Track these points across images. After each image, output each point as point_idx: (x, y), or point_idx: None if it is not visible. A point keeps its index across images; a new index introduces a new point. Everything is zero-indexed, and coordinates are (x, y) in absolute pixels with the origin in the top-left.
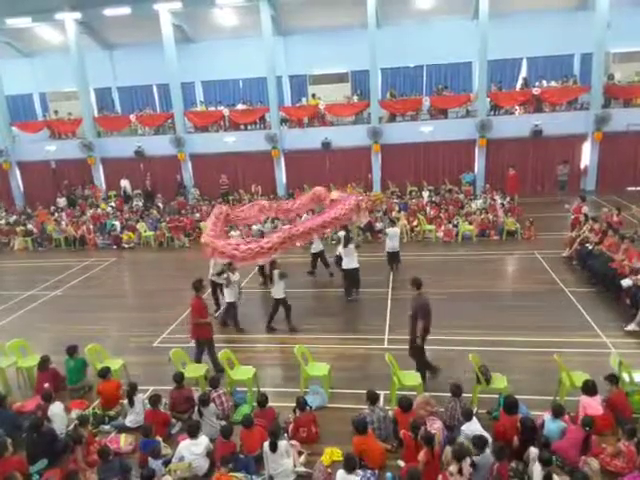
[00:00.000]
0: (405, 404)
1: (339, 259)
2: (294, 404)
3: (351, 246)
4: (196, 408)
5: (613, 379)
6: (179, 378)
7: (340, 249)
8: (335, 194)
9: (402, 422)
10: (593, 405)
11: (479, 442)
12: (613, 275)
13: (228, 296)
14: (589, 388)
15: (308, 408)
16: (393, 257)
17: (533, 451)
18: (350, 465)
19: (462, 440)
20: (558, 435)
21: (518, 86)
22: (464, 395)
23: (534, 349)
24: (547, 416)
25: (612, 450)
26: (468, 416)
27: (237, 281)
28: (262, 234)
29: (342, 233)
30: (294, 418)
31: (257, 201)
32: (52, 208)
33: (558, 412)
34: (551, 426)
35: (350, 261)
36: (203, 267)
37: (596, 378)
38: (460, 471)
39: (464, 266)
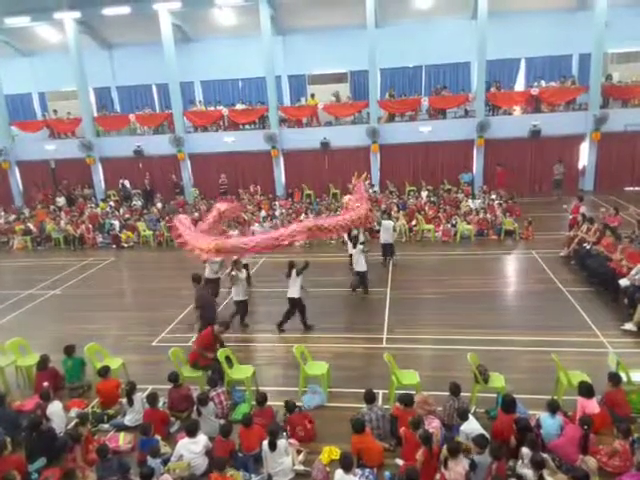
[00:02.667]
0: (406, 400)
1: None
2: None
3: (360, 247)
4: (195, 407)
5: (615, 379)
6: (174, 378)
7: (350, 250)
8: (223, 206)
9: (403, 419)
10: (591, 405)
11: (481, 441)
12: (611, 275)
13: (236, 294)
14: (585, 391)
15: (297, 410)
16: (387, 249)
17: (525, 452)
18: (347, 464)
19: (461, 439)
20: (557, 432)
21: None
22: (463, 394)
23: (532, 348)
24: (543, 414)
25: (609, 450)
26: (464, 416)
27: (244, 279)
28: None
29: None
30: (286, 419)
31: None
32: (51, 207)
33: (554, 407)
34: (549, 422)
35: (360, 264)
36: (202, 266)
37: (593, 377)
38: (446, 465)
39: (462, 266)
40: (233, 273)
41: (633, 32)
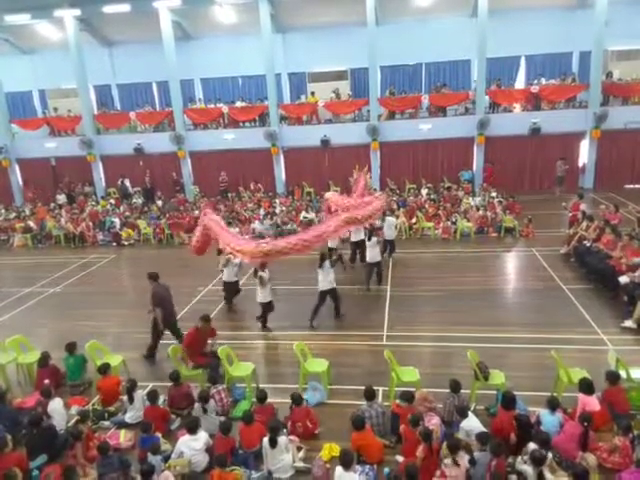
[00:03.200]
0: (407, 398)
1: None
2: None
3: (374, 239)
4: (196, 405)
5: (612, 377)
6: (175, 377)
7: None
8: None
9: (403, 416)
10: (591, 402)
11: (484, 438)
12: (611, 272)
13: (263, 297)
14: (586, 388)
15: (305, 402)
16: (387, 245)
17: (532, 447)
18: (347, 461)
19: (461, 436)
20: (556, 428)
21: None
22: (463, 391)
23: (532, 345)
24: (543, 411)
25: (608, 446)
26: (463, 413)
27: (268, 278)
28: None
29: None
30: (290, 412)
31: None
32: (52, 205)
33: (554, 405)
34: (549, 419)
35: (376, 255)
36: (203, 265)
37: (593, 374)
38: (455, 462)
39: (462, 263)
40: (261, 274)
41: (633, 29)
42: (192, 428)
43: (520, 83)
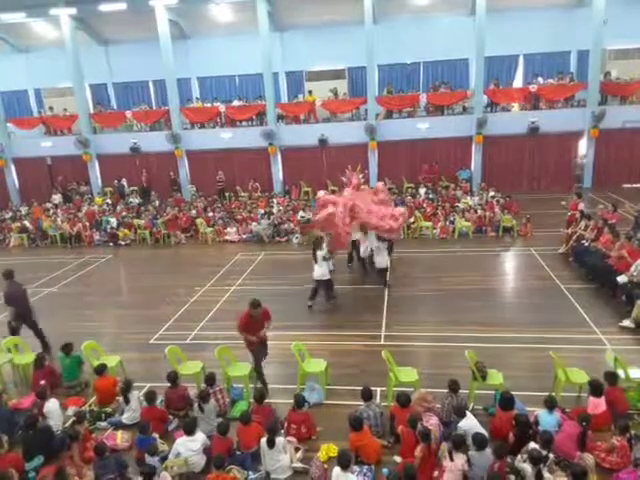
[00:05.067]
0: (403, 400)
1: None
2: (291, 400)
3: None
4: (195, 405)
5: (611, 378)
6: (172, 378)
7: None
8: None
9: (400, 418)
10: (600, 404)
11: (479, 441)
12: (609, 272)
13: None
14: (596, 389)
15: (307, 405)
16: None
17: (534, 447)
18: (344, 461)
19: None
20: (554, 428)
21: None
22: (461, 391)
23: (530, 345)
24: (541, 411)
25: (606, 446)
26: (461, 413)
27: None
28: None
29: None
30: (287, 415)
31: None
32: (48, 205)
33: (552, 404)
34: (547, 419)
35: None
36: (200, 264)
37: (592, 374)
38: (451, 457)
39: (461, 263)
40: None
41: (631, 28)
42: (189, 429)
43: (518, 82)
